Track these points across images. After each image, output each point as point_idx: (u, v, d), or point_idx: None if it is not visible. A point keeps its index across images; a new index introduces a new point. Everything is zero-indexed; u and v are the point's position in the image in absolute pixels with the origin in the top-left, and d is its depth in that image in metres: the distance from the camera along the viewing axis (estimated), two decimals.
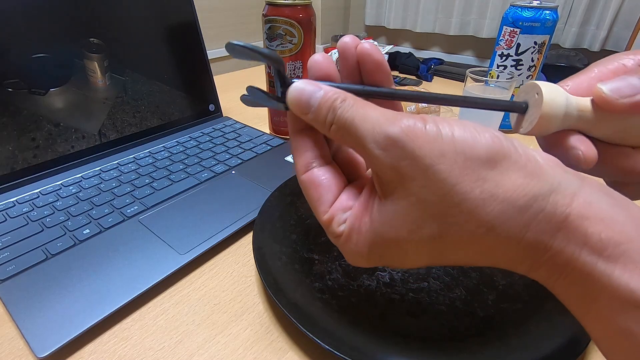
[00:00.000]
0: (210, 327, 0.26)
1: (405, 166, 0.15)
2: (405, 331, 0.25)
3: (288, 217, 0.34)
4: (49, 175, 0.41)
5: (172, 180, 0.41)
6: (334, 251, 0.31)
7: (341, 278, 0.29)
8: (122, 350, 0.24)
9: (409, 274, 0.29)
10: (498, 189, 0.14)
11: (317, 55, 0.19)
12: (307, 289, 0.27)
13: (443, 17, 2.48)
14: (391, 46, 1.02)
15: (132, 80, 0.47)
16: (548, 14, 0.52)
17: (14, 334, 0.25)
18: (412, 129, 0.15)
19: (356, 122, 0.16)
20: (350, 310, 0.26)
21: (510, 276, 0.29)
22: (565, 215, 0.13)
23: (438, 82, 0.84)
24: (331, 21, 2.82)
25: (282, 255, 0.29)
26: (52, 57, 0.40)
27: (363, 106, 0.16)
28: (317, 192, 0.18)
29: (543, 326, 0.25)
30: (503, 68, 0.57)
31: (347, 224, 0.17)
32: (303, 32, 0.46)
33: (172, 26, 0.50)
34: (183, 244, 0.32)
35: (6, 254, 0.30)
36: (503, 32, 0.55)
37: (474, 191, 0.14)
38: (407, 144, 0.15)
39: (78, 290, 0.27)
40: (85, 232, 0.33)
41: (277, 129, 0.53)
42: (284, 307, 0.24)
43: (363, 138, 0.16)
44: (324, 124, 0.17)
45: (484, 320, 0.26)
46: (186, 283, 0.30)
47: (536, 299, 0.27)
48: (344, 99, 0.16)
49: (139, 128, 0.49)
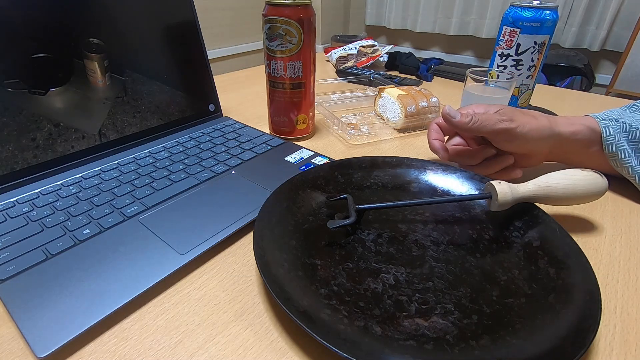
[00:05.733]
0: (210, 327, 0.26)
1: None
2: (417, 332, 0.25)
3: (285, 223, 0.34)
4: (49, 175, 0.41)
5: (172, 180, 0.41)
6: (335, 255, 0.31)
7: (346, 282, 0.29)
8: (122, 350, 0.24)
9: (413, 275, 0.29)
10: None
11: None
12: (314, 296, 0.27)
13: (443, 17, 2.49)
14: (391, 46, 1.02)
15: (132, 80, 0.47)
16: (548, 14, 0.52)
17: (14, 334, 0.25)
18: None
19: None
20: (359, 314, 0.26)
21: (510, 272, 0.30)
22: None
23: (438, 82, 0.84)
24: (331, 21, 2.82)
25: (284, 262, 0.29)
26: (52, 57, 0.41)
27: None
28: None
29: (548, 318, 0.25)
30: (503, 68, 0.57)
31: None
32: (303, 32, 0.46)
33: (172, 26, 0.50)
34: (183, 244, 0.32)
35: (6, 254, 0.30)
36: (503, 32, 0.55)
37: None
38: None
39: (78, 290, 0.27)
40: (85, 232, 0.33)
41: (277, 129, 0.53)
42: (296, 317, 0.23)
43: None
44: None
45: (492, 316, 0.26)
46: (186, 283, 0.30)
47: (538, 293, 0.27)
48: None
49: (139, 128, 0.49)
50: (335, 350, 0.21)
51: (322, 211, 0.36)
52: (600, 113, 0.41)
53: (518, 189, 0.34)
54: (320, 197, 0.38)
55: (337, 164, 0.41)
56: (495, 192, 0.33)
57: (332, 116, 0.56)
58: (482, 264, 0.30)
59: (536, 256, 0.30)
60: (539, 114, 0.40)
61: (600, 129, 0.39)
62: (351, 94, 0.72)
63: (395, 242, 0.33)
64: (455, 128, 0.41)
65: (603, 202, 0.40)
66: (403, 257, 0.31)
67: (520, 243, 0.32)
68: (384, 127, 0.59)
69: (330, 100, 0.68)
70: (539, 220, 0.33)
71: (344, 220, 0.33)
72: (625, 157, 0.38)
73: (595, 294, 0.25)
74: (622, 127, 0.38)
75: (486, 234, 0.34)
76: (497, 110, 0.40)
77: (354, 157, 0.42)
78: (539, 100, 0.72)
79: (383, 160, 0.42)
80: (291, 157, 0.47)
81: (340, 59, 0.93)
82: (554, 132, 0.38)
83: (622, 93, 1.88)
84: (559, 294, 0.26)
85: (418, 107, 0.56)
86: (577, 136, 0.39)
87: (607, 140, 0.39)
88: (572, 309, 0.25)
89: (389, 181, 0.41)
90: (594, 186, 0.34)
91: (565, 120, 0.40)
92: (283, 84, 0.49)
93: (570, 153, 0.41)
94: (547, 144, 0.39)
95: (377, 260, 0.31)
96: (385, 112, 0.60)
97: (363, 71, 0.84)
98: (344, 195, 0.36)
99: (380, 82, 0.77)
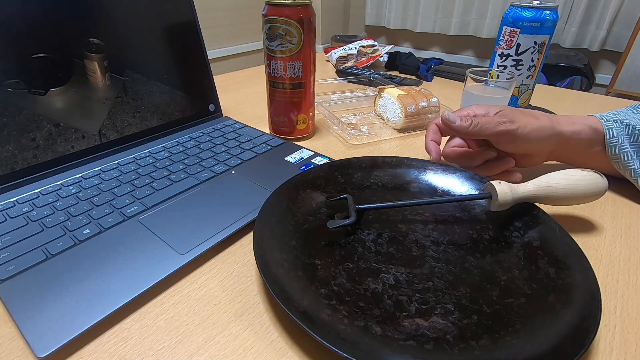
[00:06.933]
0: (210, 327, 0.26)
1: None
2: (417, 332, 0.25)
3: (285, 223, 0.34)
4: (49, 175, 0.41)
5: (172, 180, 0.41)
6: (335, 255, 0.31)
7: (346, 282, 0.28)
8: (122, 350, 0.24)
9: (413, 275, 0.29)
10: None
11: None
12: (314, 296, 0.27)
13: (443, 17, 2.48)
14: (391, 46, 1.02)
15: (132, 80, 0.47)
16: (548, 14, 0.52)
17: (14, 334, 0.25)
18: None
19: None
20: (359, 314, 0.26)
21: (510, 272, 0.30)
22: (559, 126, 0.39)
23: (438, 82, 0.84)
24: (331, 21, 2.82)
25: (284, 262, 0.29)
26: (52, 57, 0.41)
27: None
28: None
29: (548, 318, 0.25)
30: (503, 68, 0.57)
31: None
32: (303, 32, 0.46)
33: (172, 26, 0.50)
34: (183, 244, 0.32)
35: (6, 254, 0.30)
36: (503, 32, 0.55)
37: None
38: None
39: (78, 290, 0.27)
40: (85, 232, 0.33)
41: (277, 129, 0.53)
42: (296, 317, 0.23)
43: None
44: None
45: (492, 316, 0.26)
46: (186, 283, 0.30)
47: (538, 293, 0.27)
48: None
49: (139, 128, 0.49)
50: (335, 350, 0.21)
51: (322, 211, 0.36)
52: (605, 113, 0.40)
53: (518, 189, 0.34)
54: (320, 197, 0.38)
55: (337, 164, 0.41)
56: (495, 192, 0.33)
57: (332, 116, 0.56)
58: (482, 264, 0.30)
59: (536, 256, 0.30)
60: (540, 113, 0.40)
61: (603, 130, 0.39)
62: (351, 94, 0.72)
63: (395, 242, 0.33)
64: (456, 132, 0.41)
65: (603, 202, 0.40)
66: (403, 257, 0.31)
67: (520, 243, 0.32)
68: (384, 127, 0.59)
69: (330, 100, 0.68)
70: (539, 220, 0.33)
71: (344, 220, 0.33)
72: (628, 160, 0.38)
73: (595, 294, 0.25)
74: (626, 130, 0.38)
75: (486, 234, 0.34)
76: (497, 111, 0.40)
77: (354, 157, 0.42)
78: (539, 100, 0.72)
79: (383, 160, 0.42)
80: (291, 157, 0.47)
81: (340, 59, 0.93)
82: (555, 132, 0.38)
83: (622, 93, 1.88)
84: (559, 294, 0.26)
85: (418, 107, 0.56)
86: (579, 136, 0.39)
87: (610, 142, 0.38)
88: (572, 309, 0.25)
89: (389, 181, 0.41)
90: (594, 186, 0.34)
91: (567, 120, 0.40)
92: (283, 84, 0.49)
93: (572, 153, 0.41)
94: (549, 144, 0.39)
95: (377, 260, 0.31)
96: (385, 112, 0.60)
97: (363, 71, 0.84)
98: (344, 195, 0.36)
99: (380, 82, 0.77)
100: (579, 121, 0.40)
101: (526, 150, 0.40)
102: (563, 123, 0.39)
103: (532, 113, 0.39)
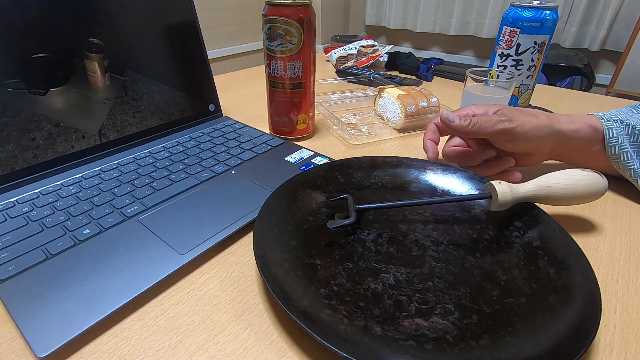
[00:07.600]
0: (210, 327, 0.26)
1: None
2: (417, 332, 0.25)
3: (285, 223, 0.34)
4: (49, 175, 0.41)
5: (172, 180, 0.41)
6: (335, 255, 0.31)
7: (346, 282, 0.28)
8: (122, 350, 0.24)
9: (413, 275, 0.29)
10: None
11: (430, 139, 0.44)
12: (314, 296, 0.27)
13: (443, 17, 2.48)
14: (391, 46, 1.02)
15: (132, 80, 0.47)
16: (548, 13, 0.52)
17: (14, 334, 0.25)
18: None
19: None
20: (359, 314, 0.26)
21: (510, 271, 0.30)
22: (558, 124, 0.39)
23: (438, 82, 0.84)
24: (331, 21, 2.82)
25: (284, 262, 0.29)
26: (52, 57, 0.41)
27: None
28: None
29: (548, 318, 0.25)
30: (503, 68, 0.57)
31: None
32: (303, 32, 0.46)
33: (172, 26, 0.50)
34: (183, 244, 0.32)
35: (6, 254, 0.30)
36: (503, 32, 0.55)
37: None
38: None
39: (78, 290, 0.27)
40: (85, 232, 0.33)
41: (277, 129, 0.53)
42: (296, 317, 0.23)
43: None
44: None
45: (492, 316, 0.26)
46: (186, 283, 0.30)
47: (538, 293, 0.27)
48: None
49: (139, 128, 0.49)
50: (335, 350, 0.21)
51: (322, 211, 0.36)
52: (606, 113, 0.40)
53: (518, 189, 0.34)
54: (320, 197, 0.38)
55: (337, 164, 0.41)
56: (495, 192, 0.33)
57: (332, 116, 0.56)
58: (482, 264, 0.30)
59: (536, 256, 0.30)
60: (539, 112, 0.40)
61: (603, 129, 0.39)
62: (351, 94, 0.72)
63: (395, 242, 0.33)
64: (455, 132, 0.41)
65: (603, 202, 0.40)
66: (403, 257, 0.31)
67: (520, 243, 0.32)
68: (384, 127, 0.59)
69: (330, 100, 0.68)
70: (539, 220, 0.33)
71: (344, 220, 0.33)
72: (627, 160, 0.38)
73: (595, 294, 0.25)
74: (626, 129, 0.38)
75: (486, 234, 0.34)
76: (496, 110, 0.40)
77: (354, 157, 0.42)
78: (539, 100, 0.72)
79: (383, 160, 0.42)
80: (291, 157, 0.47)
81: (340, 59, 0.93)
82: (554, 130, 0.38)
83: (622, 93, 1.88)
84: (559, 294, 0.26)
85: (418, 107, 0.56)
86: (578, 134, 0.39)
87: (610, 142, 0.38)
88: (572, 309, 0.25)
89: (389, 181, 0.41)
90: (594, 186, 0.34)
91: (566, 118, 0.40)
92: (283, 84, 0.49)
93: (572, 151, 0.41)
94: (548, 142, 0.39)
95: (377, 260, 0.31)
96: (385, 112, 0.60)
97: (363, 71, 0.84)
98: (344, 195, 0.36)
99: (380, 82, 0.77)
100: (578, 120, 0.39)
101: (525, 149, 0.40)
102: (562, 121, 0.39)
103: (531, 112, 0.39)
